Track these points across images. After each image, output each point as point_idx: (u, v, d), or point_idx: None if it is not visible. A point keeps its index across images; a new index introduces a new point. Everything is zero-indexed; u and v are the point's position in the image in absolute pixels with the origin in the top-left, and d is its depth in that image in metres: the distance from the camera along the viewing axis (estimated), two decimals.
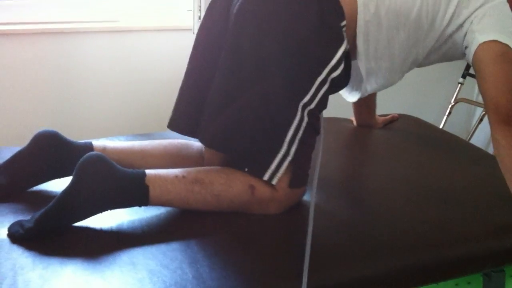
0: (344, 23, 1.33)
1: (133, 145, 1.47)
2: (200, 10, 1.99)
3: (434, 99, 2.82)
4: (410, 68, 1.54)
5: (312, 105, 1.30)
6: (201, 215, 1.30)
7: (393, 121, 2.02)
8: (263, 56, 1.28)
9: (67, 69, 2.18)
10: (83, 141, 1.44)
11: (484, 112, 2.81)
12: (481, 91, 1.39)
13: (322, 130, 1.37)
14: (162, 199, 1.25)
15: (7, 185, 1.34)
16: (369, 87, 1.53)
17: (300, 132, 1.30)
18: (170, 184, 1.25)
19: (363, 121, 1.94)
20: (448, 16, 1.41)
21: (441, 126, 2.65)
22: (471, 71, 2.68)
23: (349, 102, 1.79)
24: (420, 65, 1.57)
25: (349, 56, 1.38)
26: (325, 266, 1.16)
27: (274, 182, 1.29)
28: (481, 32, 1.38)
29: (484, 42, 1.37)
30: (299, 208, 1.36)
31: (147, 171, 1.25)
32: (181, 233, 1.23)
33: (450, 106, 2.71)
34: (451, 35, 1.44)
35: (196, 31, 2.02)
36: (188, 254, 1.15)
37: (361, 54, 1.42)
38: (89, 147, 1.41)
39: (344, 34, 1.33)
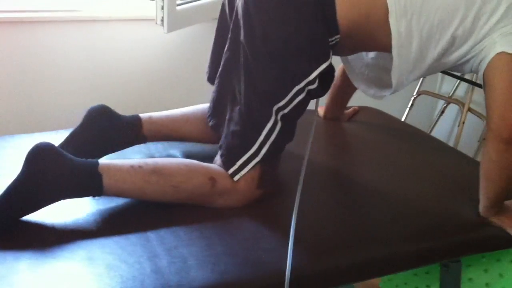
0: (334, 38, 1.33)
1: (175, 112, 1.57)
2: (163, 0, 1.96)
3: None
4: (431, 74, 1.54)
5: (286, 110, 1.31)
6: (161, 207, 1.29)
7: (355, 114, 2.04)
8: (255, 58, 1.30)
9: (27, 60, 2.12)
10: (130, 115, 1.50)
11: (446, 105, 2.86)
12: (487, 105, 1.33)
13: (313, 128, 1.39)
14: (117, 188, 1.23)
15: None
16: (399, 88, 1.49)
17: (273, 136, 1.32)
18: (125, 173, 1.23)
19: (332, 114, 1.97)
20: (481, 34, 1.34)
21: (403, 118, 2.68)
22: None
23: None
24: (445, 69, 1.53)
25: (332, 71, 1.34)
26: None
27: (235, 178, 1.31)
28: (501, 45, 1.32)
29: (500, 53, 1.31)
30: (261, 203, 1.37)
31: (101, 160, 1.24)
32: (140, 226, 1.22)
33: (412, 98, 2.74)
34: (478, 52, 1.36)
35: (158, 21, 2.00)
36: (147, 247, 1.14)
37: (395, 68, 1.37)
38: (136, 119, 1.49)
39: (330, 50, 1.32)
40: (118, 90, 2.29)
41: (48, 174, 1.17)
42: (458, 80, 2.75)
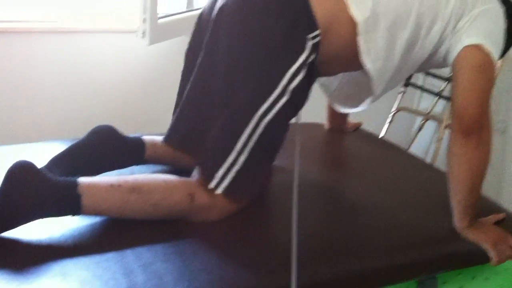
0: (314, 34, 1.31)
1: None
2: (145, 12, 1.96)
3: (376, 107, 2.87)
4: (412, 71, 1.53)
5: (269, 116, 1.29)
6: (139, 222, 1.28)
7: (358, 127, 2.09)
8: (230, 65, 1.30)
9: (7, 70, 2.11)
10: (133, 135, 1.49)
11: (424, 121, 2.89)
12: (452, 96, 1.39)
13: (298, 139, 1.38)
14: (95, 208, 1.22)
15: (63, 176, 1.30)
16: (378, 91, 1.50)
17: (251, 143, 1.29)
18: (104, 193, 1.22)
19: (336, 124, 2.01)
20: (447, 14, 1.38)
21: (383, 134, 2.71)
22: (412, 80, 2.75)
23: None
24: (419, 69, 1.57)
25: (314, 67, 1.35)
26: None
27: (219, 191, 1.29)
28: (468, 35, 1.37)
29: (468, 46, 1.36)
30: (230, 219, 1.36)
31: (80, 179, 1.22)
32: (117, 242, 1.21)
33: (391, 114, 2.77)
34: (447, 35, 1.41)
35: (140, 34, 2.00)
36: (123, 264, 1.13)
37: (364, 53, 1.37)
38: (139, 142, 1.48)
39: (310, 44, 1.31)
40: (99, 102, 2.28)
41: (26, 193, 1.15)
42: (437, 97, 2.78)
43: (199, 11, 2.32)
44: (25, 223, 1.18)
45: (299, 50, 1.30)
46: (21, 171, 1.16)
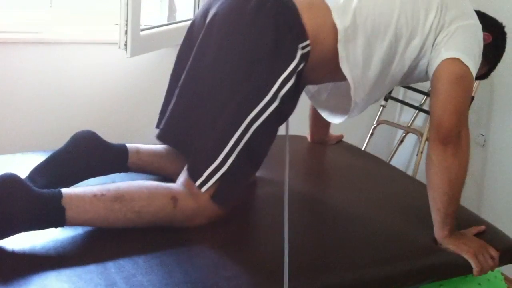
0: (304, 43, 1.34)
1: (163, 148, 1.52)
2: (126, 24, 1.96)
3: (358, 120, 2.89)
4: (393, 84, 1.55)
5: (259, 121, 1.30)
6: (119, 234, 1.26)
7: (339, 140, 2.11)
8: (221, 69, 1.32)
9: None
10: (117, 143, 1.47)
11: (404, 134, 2.92)
12: (431, 106, 1.43)
13: (287, 148, 1.40)
14: (79, 219, 1.22)
15: (45, 185, 1.30)
16: (357, 109, 1.54)
17: (239, 146, 1.30)
18: (88, 204, 1.21)
19: (318, 137, 2.03)
20: (426, 28, 1.43)
21: (363, 147, 2.72)
22: (393, 94, 2.78)
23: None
24: (402, 83, 1.60)
25: (301, 76, 1.37)
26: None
27: (203, 189, 1.30)
28: (447, 49, 1.41)
29: (447, 59, 1.40)
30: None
31: (64, 191, 1.21)
32: (98, 254, 1.19)
33: (372, 127, 2.79)
34: (427, 49, 1.45)
35: (122, 45, 2.00)
36: (105, 276, 1.11)
37: (343, 61, 1.40)
38: (123, 148, 1.46)
39: (299, 53, 1.33)
40: (80, 113, 2.26)
41: (10, 206, 1.14)
42: (417, 110, 2.82)
43: (182, 24, 2.34)
44: (9, 236, 1.16)
45: (289, 58, 1.32)
46: (6, 184, 1.15)
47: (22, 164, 1.51)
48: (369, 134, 2.78)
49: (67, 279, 1.09)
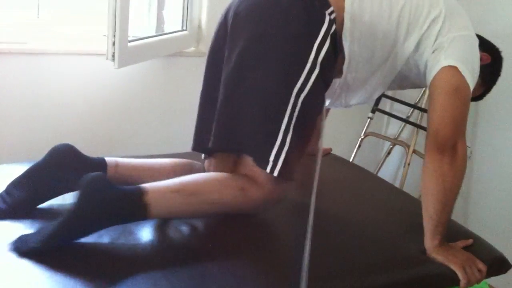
0: (330, 10, 1.39)
1: (143, 162, 1.54)
2: (114, 36, 1.95)
3: (345, 132, 2.91)
4: (389, 79, 1.57)
5: (305, 91, 1.34)
6: (105, 247, 1.26)
7: (327, 153, 2.11)
8: (257, 52, 1.36)
9: None
10: (96, 157, 1.48)
11: (392, 146, 2.93)
12: (428, 115, 1.45)
13: (320, 144, 1.47)
14: (160, 214, 1.32)
15: (23, 199, 1.36)
16: (351, 97, 1.58)
17: (293, 120, 1.34)
18: (168, 199, 1.30)
19: (310, 149, 2.01)
20: (425, 26, 1.45)
21: (351, 159, 2.73)
22: (380, 106, 2.80)
23: None
24: (399, 86, 1.63)
25: (336, 38, 1.41)
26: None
27: (275, 173, 1.34)
28: (446, 56, 1.43)
29: (446, 67, 1.41)
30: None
31: (146, 187, 1.29)
32: (84, 265, 1.17)
33: (360, 139, 2.80)
34: (426, 48, 1.47)
35: (109, 56, 1.99)
36: None
37: (346, 34, 1.45)
38: (102, 162, 1.47)
39: (328, 17, 1.37)
40: (67, 125, 2.25)
41: (99, 206, 1.23)
42: (404, 123, 2.83)
43: (170, 35, 2.34)
44: (96, 231, 1.25)
45: (319, 22, 1.36)
46: (95, 183, 1.24)
47: (2, 176, 1.48)
48: (357, 146, 2.79)
49: None
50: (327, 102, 1.71)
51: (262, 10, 1.39)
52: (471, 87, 1.43)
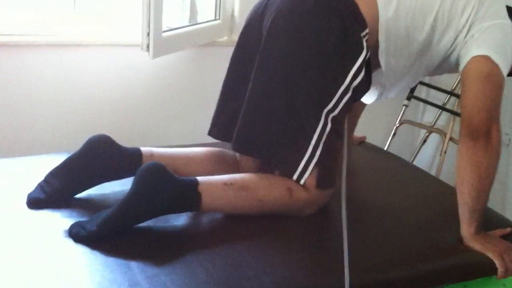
0: (365, 32, 1.41)
1: (177, 152, 1.57)
2: (149, 26, 1.97)
3: (380, 120, 2.87)
4: (424, 73, 1.60)
5: (336, 112, 1.39)
6: (142, 235, 1.28)
7: (362, 142, 2.10)
8: (291, 68, 1.38)
9: (10, 83, 2.11)
10: (131, 147, 1.50)
11: (427, 134, 2.89)
12: (461, 102, 1.44)
13: (345, 139, 1.45)
14: (213, 205, 1.34)
15: (61, 188, 1.39)
16: (388, 85, 1.59)
17: (324, 137, 1.39)
18: (220, 191, 1.34)
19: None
20: (461, 24, 1.44)
21: (386, 147, 2.70)
22: (416, 93, 2.75)
23: None
24: (432, 73, 1.63)
25: (370, 64, 1.44)
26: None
27: (301, 182, 1.39)
28: (477, 46, 1.42)
29: (477, 56, 1.41)
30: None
31: (199, 179, 1.33)
32: (122, 254, 1.20)
33: (395, 127, 2.77)
34: (458, 43, 1.47)
35: (144, 47, 2.01)
36: (128, 275, 1.12)
37: (382, 51, 1.47)
38: (138, 152, 1.49)
39: (365, 43, 1.40)
40: (100, 115, 2.28)
41: (155, 193, 1.26)
42: (440, 110, 2.78)
43: (203, 25, 2.35)
44: (150, 219, 1.29)
45: (359, 49, 1.38)
46: (152, 171, 1.28)
47: (40, 166, 1.52)
48: (392, 134, 2.75)
49: (91, 278, 1.11)
50: (368, 100, 1.73)
51: (301, 25, 1.38)
52: (505, 73, 1.41)
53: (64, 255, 1.19)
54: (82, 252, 1.20)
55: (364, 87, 1.43)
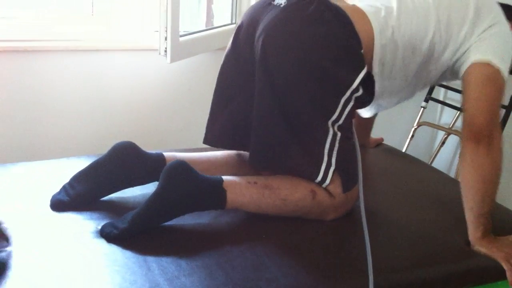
0: (362, 50, 1.41)
1: (199, 156, 1.58)
2: (166, 30, 1.99)
3: (398, 122, 2.86)
4: (422, 87, 1.61)
5: (341, 121, 1.40)
6: (162, 237, 1.29)
7: (379, 144, 2.10)
8: (291, 82, 1.37)
9: (28, 88, 2.14)
10: (154, 151, 1.53)
11: (446, 136, 2.87)
12: (463, 107, 1.44)
13: (357, 143, 1.47)
14: (237, 202, 1.36)
15: (85, 193, 1.41)
16: (384, 103, 1.63)
17: (336, 145, 1.40)
18: (244, 188, 1.36)
19: (359, 141, 2.01)
20: (459, 40, 1.46)
21: (404, 149, 2.69)
22: (434, 95, 2.74)
23: None
24: (433, 84, 1.68)
25: (372, 76, 1.45)
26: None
27: (324, 185, 1.40)
28: (477, 52, 1.43)
29: (477, 62, 1.42)
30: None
31: (224, 177, 1.36)
32: (142, 256, 1.21)
33: (413, 129, 2.75)
34: (459, 57, 1.48)
35: (162, 51, 2.03)
36: (149, 277, 1.13)
37: (376, 75, 1.48)
38: (161, 157, 1.51)
39: (363, 59, 1.41)
40: (120, 119, 2.30)
41: (182, 191, 1.30)
42: (458, 111, 2.76)
43: (219, 29, 2.36)
44: (178, 216, 1.32)
45: (359, 66, 1.39)
46: (178, 169, 1.31)
47: (64, 169, 1.55)
48: (410, 136, 2.74)
49: (111, 280, 1.12)
50: (366, 114, 1.78)
51: (299, 42, 1.37)
52: (505, 75, 1.42)
53: (85, 256, 1.20)
54: (103, 253, 1.21)
55: (366, 99, 1.44)
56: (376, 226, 1.44)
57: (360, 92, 1.39)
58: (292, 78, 1.37)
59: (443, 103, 2.78)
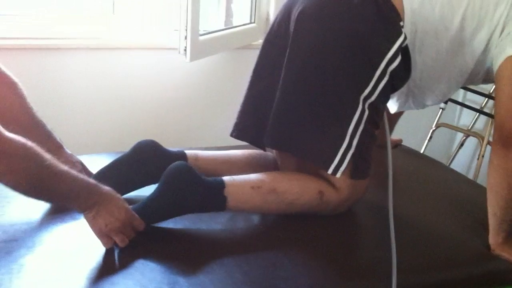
0: (402, 23, 1.38)
1: (220, 155, 1.57)
2: (186, 29, 2.00)
3: (416, 123, 2.85)
4: (459, 79, 1.53)
5: (373, 98, 1.34)
6: (181, 235, 1.30)
7: (398, 144, 2.07)
8: (324, 54, 1.35)
9: (49, 86, 2.16)
10: (176, 149, 1.52)
11: (465, 137, 2.85)
12: (495, 106, 1.39)
13: (388, 135, 1.45)
14: (238, 208, 1.35)
15: None
16: (416, 91, 1.56)
17: (362, 125, 1.34)
18: (246, 195, 1.34)
19: (378, 142, 2.00)
20: (494, 22, 1.39)
21: (422, 150, 2.67)
22: (452, 96, 2.72)
23: None
24: (469, 81, 1.57)
25: (409, 51, 1.40)
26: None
27: (338, 175, 1.35)
28: (511, 45, 1.36)
29: (511, 56, 1.35)
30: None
31: (226, 181, 1.34)
32: (161, 254, 1.22)
33: (431, 130, 2.74)
34: (493, 44, 1.41)
35: (181, 50, 2.04)
36: (167, 274, 1.14)
37: (408, 43, 1.42)
38: (183, 156, 1.50)
39: (403, 29, 1.36)
40: (139, 117, 2.32)
41: (181, 193, 1.28)
42: (477, 113, 2.74)
43: (239, 28, 2.37)
44: (175, 217, 1.31)
45: (396, 33, 1.34)
46: (179, 171, 1.30)
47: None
48: (428, 138, 2.73)
49: (131, 276, 1.13)
50: (395, 107, 1.70)
51: (333, 12, 1.36)
52: None
53: (104, 253, 1.21)
54: (121, 250, 1.22)
55: (402, 73, 1.38)
56: (396, 227, 1.44)
57: (396, 63, 1.33)
58: (324, 47, 1.34)
59: (462, 104, 2.76)
